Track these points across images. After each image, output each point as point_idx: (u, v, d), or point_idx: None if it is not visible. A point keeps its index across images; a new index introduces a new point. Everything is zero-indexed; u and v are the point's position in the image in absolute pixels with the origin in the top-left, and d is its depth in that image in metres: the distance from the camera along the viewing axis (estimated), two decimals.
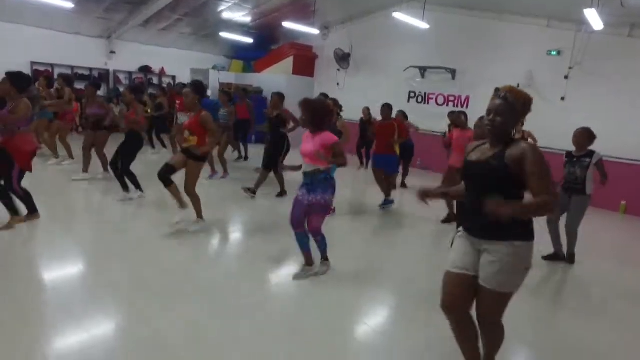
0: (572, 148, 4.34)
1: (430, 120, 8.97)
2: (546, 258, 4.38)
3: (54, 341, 2.35)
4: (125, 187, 5.19)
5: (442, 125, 7.57)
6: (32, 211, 4.06)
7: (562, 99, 7.90)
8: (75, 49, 10.57)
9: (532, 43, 8.15)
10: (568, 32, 7.63)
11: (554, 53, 7.87)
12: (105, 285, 3.03)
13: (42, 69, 9.95)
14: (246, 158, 8.77)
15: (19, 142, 3.74)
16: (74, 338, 2.40)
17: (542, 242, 4.41)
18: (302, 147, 3.32)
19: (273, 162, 5.74)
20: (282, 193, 5.98)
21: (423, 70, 9.77)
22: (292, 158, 4.75)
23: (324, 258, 3.56)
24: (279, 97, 5.96)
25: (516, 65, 8.29)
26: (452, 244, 2.16)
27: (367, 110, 8.63)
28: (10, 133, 3.70)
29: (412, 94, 10.07)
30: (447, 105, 9.48)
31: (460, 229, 2.10)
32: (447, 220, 5.45)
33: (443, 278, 2.06)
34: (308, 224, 3.35)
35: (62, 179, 5.94)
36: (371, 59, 10.73)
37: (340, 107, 5.87)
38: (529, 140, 7.65)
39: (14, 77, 3.81)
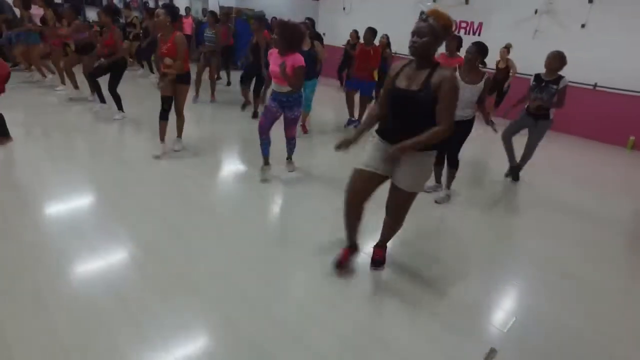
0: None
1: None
2: (507, 175, 4.84)
3: (74, 268, 2.46)
4: (120, 106, 5.45)
5: None
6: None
7: (583, 26, 7.41)
8: None
9: None
10: None
11: None
12: (112, 212, 3.11)
13: None
14: (229, 83, 8.69)
15: None
16: (91, 265, 2.51)
17: (504, 163, 4.90)
18: (272, 68, 3.58)
19: (248, 79, 6.10)
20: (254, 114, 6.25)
21: None
22: None
23: (291, 158, 4.25)
24: (260, 21, 5.85)
25: None
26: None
27: (355, 34, 8.59)
28: None
29: None
30: (459, 32, 8.96)
31: (375, 135, 2.37)
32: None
33: (353, 174, 2.38)
34: (287, 133, 4.01)
35: (55, 105, 5.88)
36: None
37: (313, 30, 5.80)
38: (511, 70, 7.43)
39: None
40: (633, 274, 3.10)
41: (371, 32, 5.77)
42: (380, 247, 2.75)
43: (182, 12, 11.16)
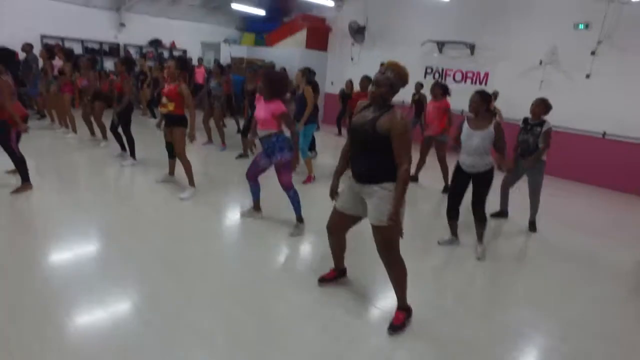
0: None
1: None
2: (492, 215, 4.82)
3: (77, 322, 2.35)
4: (123, 147, 5.77)
5: (461, 102, 7.30)
6: (25, 180, 4.27)
7: (587, 76, 7.51)
8: (86, 21, 10.39)
9: (558, 16, 7.70)
10: (598, 4, 7.16)
11: (581, 27, 7.42)
12: (119, 259, 3.06)
13: (52, 42, 9.84)
14: (239, 130, 8.73)
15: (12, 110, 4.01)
16: (95, 316, 2.41)
17: (493, 202, 4.81)
18: (256, 113, 3.68)
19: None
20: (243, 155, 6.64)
21: (441, 44, 9.39)
22: None
23: (299, 219, 3.90)
24: (253, 73, 6.32)
25: (539, 40, 7.90)
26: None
27: (349, 83, 9.18)
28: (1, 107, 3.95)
29: (429, 70, 9.73)
30: (465, 81, 9.16)
31: (350, 173, 2.56)
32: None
33: (332, 211, 2.71)
34: (280, 182, 3.76)
35: (65, 150, 5.95)
36: (387, 33, 10.35)
37: (309, 77, 5.93)
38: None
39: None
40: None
41: (367, 80, 6.05)
42: (399, 310, 2.62)
43: (195, 62, 11.63)
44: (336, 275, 3.02)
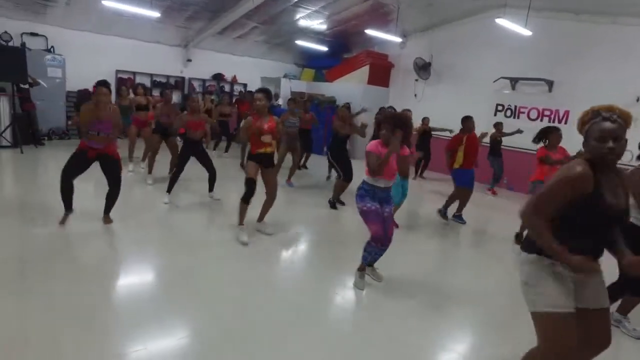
0: None
1: (521, 136, 8.03)
2: None
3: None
4: (170, 188, 5.24)
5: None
6: (107, 212, 4.28)
7: None
8: (155, 57, 10.83)
9: None
10: None
11: None
12: (172, 303, 2.77)
13: (125, 76, 10.30)
14: (305, 167, 8.63)
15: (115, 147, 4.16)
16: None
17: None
18: (391, 164, 3.22)
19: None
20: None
21: (514, 81, 8.91)
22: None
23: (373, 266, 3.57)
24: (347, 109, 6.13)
25: (632, 76, 7.25)
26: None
27: (427, 120, 8.64)
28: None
29: (500, 107, 9.21)
30: (542, 120, 8.54)
31: (559, 265, 1.85)
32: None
33: (553, 323, 1.82)
34: (389, 234, 3.35)
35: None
36: (454, 69, 10.01)
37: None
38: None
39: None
40: None
41: (472, 120, 5.43)
42: None
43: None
44: None
